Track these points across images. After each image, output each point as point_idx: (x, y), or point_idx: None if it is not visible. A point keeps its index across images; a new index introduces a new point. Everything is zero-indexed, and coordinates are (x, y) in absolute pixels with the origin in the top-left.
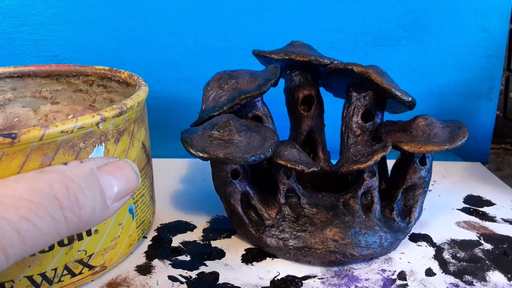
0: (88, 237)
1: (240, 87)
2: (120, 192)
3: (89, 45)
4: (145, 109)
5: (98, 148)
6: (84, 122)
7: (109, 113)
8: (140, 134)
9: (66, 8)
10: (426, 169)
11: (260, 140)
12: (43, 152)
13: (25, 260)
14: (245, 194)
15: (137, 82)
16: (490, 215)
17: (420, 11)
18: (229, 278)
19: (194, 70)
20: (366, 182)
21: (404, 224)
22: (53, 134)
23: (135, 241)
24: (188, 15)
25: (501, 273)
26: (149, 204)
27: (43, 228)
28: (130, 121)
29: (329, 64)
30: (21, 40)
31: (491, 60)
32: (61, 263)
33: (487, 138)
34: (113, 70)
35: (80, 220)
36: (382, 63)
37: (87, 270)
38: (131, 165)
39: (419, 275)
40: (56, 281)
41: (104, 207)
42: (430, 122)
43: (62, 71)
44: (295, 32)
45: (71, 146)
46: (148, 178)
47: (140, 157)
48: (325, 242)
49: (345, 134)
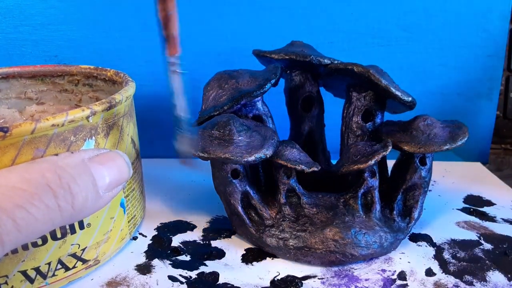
0: (81, 231)
1: (240, 87)
2: (112, 182)
3: (89, 45)
4: (133, 105)
5: (89, 142)
6: (74, 116)
7: (98, 107)
8: (129, 129)
9: (66, 8)
10: (426, 169)
11: (260, 140)
12: (35, 145)
13: (19, 255)
14: (245, 194)
15: (124, 79)
16: (490, 215)
17: (420, 11)
18: (229, 278)
19: (194, 70)
20: (366, 182)
21: (404, 224)
22: (44, 127)
23: (127, 236)
24: (188, 15)
25: (501, 273)
26: (139, 199)
27: (37, 216)
28: (119, 116)
29: (329, 64)
30: (21, 40)
31: (491, 60)
32: (54, 257)
33: (487, 138)
34: (99, 68)
35: (73, 209)
36: (382, 63)
37: (81, 264)
38: (122, 156)
39: (419, 275)
40: (50, 275)
41: (97, 197)
42: (430, 122)
43: (47, 72)
44: (295, 32)
45: (62, 139)
46: (138, 173)
47: (129, 151)
48: (325, 242)
49: (345, 134)
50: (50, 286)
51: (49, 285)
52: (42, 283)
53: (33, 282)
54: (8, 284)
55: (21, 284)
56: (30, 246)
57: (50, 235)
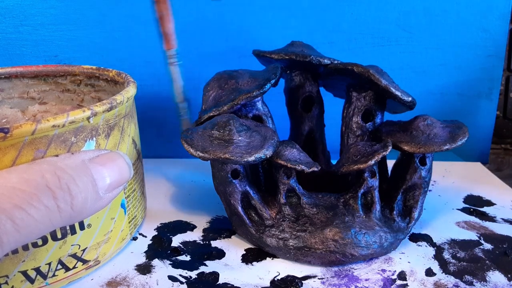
0: (82, 231)
1: (240, 87)
2: (112, 183)
3: (89, 45)
4: (134, 106)
5: (89, 143)
6: (75, 117)
7: (99, 108)
8: (130, 130)
9: (66, 8)
10: (426, 169)
11: (260, 140)
12: (36, 146)
13: (19, 255)
14: (245, 194)
15: (126, 79)
16: (490, 215)
17: (420, 11)
18: (229, 278)
19: (194, 70)
20: (366, 182)
21: (404, 224)
22: (45, 128)
23: (127, 236)
24: (188, 15)
25: (501, 273)
26: (140, 200)
27: (37, 217)
28: (120, 117)
29: (329, 64)
30: (21, 40)
31: (491, 60)
32: (55, 257)
33: (487, 138)
34: (101, 69)
35: (73, 210)
36: (382, 63)
37: (81, 265)
38: (123, 157)
39: (419, 275)
40: (51, 276)
41: (97, 198)
42: (430, 122)
43: (50, 71)
44: (295, 32)
45: (62, 140)
46: (139, 174)
47: (130, 152)
48: (325, 242)
49: (345, 134)
50: (50, 286)
51: (49, 285)
52: (43, 283)
53: (34, 282)
54: (8, 284)
55: (22, 284)
56: (30, 247)
57: (51, 235)
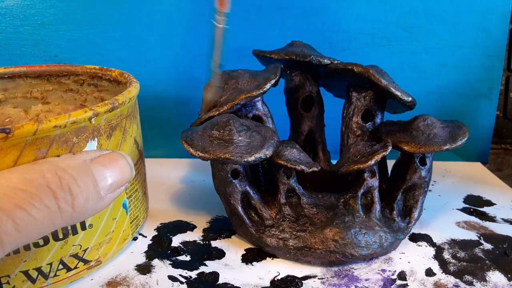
0: (83, 232)
1: (240, 87)
2: (114, 183)
3: (89, 45)
4: (137, 106)
5: (91, 143)
6: (77, 117)
7: (101, 108)
8: (132, 130)
9: (66, 8)
10: (426, 169)
11: (260, 140)
12: (37, 146)
13: (21, 255)
14: (245, 194)
15: (128, 79)
16: (490, 215)
17: (420, 11)
18: (229, 278)
19: (194, 70)
20: (366, 182)
21: (404, 224)
22: (47, 128)
23: (129, 236)
24: (188, 15)
25: (501, 273)
26: (142, 200)
27: (37, 217)
28: (122, 117)
29: (329, 64)
30: (21, 40)
31: (491, 60)
32: (56, 257)
33: (487, 138)
34: (104, 69)
35: (74, 210)
36: (382, 63)
37: (82, 265)
38: (124, 157)
39: (419, 275)
40: (52, 276)
41: (98, 198)
42: (430, 122)
43: (53, 71)
44: (295, 32)
45: (64, 140)
46: (141, 174)
47: (132, 152)
48: (325, 242)
49: (345, 134)
50: (52, 286)
51: (51, 285)
52: (44, 283)
53: (35, 282)
54: (10, 284)
55: (23, 284)
56: (32, 247)
57: (52, 235)
